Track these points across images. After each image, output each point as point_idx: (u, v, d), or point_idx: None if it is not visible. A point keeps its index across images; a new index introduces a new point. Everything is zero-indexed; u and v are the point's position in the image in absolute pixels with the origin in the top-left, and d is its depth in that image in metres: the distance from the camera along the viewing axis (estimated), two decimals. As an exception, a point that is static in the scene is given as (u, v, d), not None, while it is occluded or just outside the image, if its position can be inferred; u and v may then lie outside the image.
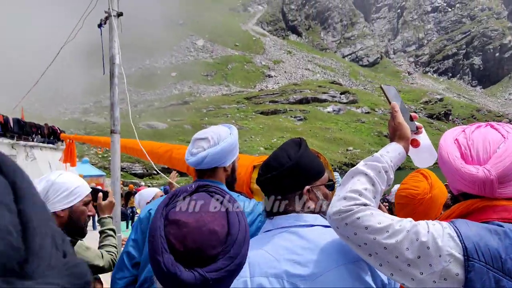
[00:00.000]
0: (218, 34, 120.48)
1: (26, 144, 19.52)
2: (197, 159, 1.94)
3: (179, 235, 0.95)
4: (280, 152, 1.47)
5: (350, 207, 1.17)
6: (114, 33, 3.80)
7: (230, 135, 2.00)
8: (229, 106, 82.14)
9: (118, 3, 3.90)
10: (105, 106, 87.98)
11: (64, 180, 1.94)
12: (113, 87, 3.93)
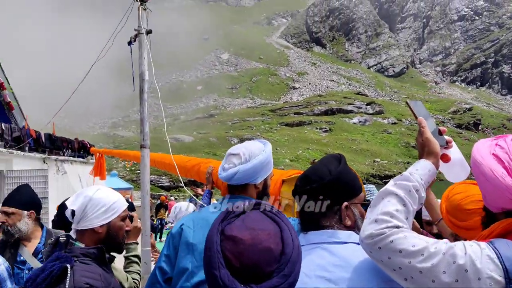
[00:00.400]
0: (242, 47, 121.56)
1: (57, 158, 20.01)
2: (228, 175, 1.97)
3: (236, 251, 0.96)
4: (321, 166, 1.49)
5: (382, 230, 1.14)
6: (143, 50, 3.90)
7: (262, 152, 2.00)
8: (254, 119, 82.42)
9: (147, 21, 4.01)
10: (133, 120, 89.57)
11: (102, 196, 1.93)
12: (143, 102, 4.03)
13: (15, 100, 20.71)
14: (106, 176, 10.47)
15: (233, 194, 2.04)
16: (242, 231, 0.99)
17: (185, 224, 2.00)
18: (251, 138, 67.29)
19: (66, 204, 1.94)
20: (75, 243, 1.85)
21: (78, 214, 1.86)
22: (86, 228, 1.88)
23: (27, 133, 18.47)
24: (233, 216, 1.03)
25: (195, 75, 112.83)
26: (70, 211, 1.88)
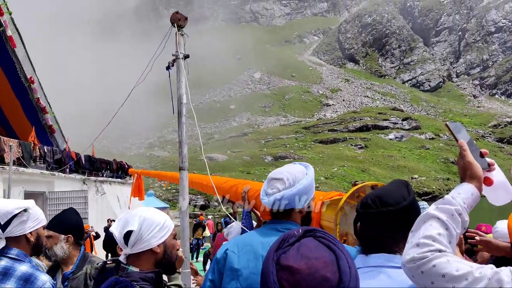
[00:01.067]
0: (274, 66, 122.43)
1: (96, 179, 20.57)
2: (271, 200, 1.94)
3: (292, 281, 0.95)
4: (393, 190, 1.50)
5: (425, 254, 1.12)
6: (181, 74, 3.98)
7: (306, 176, 1.97)
8: (287, 136, 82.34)
9: (185, 46, 4.10)
10: (168, 140, 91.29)
11: (153, 215, 1.91)
12: (181, 125, 4.09)
13: (56, 124, 21.48)
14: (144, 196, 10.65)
15: (277, 219, 2.01)
16: (298, 260, 0.97)
17: (230, 249, 1.99)
18: (285, 156, 67.18)
19: (112, 230, 1.90)
20: (128, 268, 1.81)
21: (134, 235, 1.81)
22: (144, 249, 1.83)
23: (68, 155, 19.08)
24: (287, 245, 1.03)
25: (228, 94, 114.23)
26: (124, 233, 1.83)
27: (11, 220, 2.23)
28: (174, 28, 4.01)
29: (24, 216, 2.27)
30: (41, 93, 20.14)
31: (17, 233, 2.25)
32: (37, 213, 2.38)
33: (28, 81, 19.16)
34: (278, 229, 1.94)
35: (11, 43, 17.96)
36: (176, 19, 3.98)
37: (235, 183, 4.49)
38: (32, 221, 2.31)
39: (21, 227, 2.25)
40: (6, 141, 15.00)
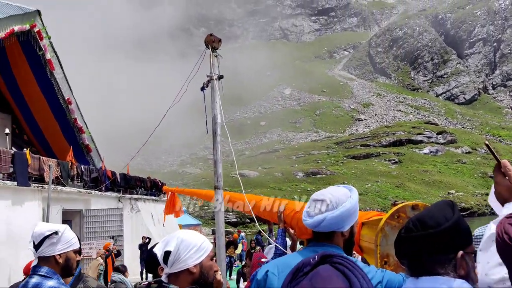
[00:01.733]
0: (304, 81, 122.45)
1: (131, 197, 20.93)
2: (313, 222, 1.93)
3: None
4: (435, 211, 1.47)
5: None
6: (215, 95, 4.04)
7: (349, 199, 1.95)
8: (319, 152, 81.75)
9: (219, 67, 4.16)
10: (199, 157, 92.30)
11: (190, 236, 2.02)
12: (216, 145, 4.13)
13: (92, 143, 22.08)
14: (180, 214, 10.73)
15: (318, 241, 1.99)
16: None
17: (270, 270, 2.00)
18: (317, 172, 66.45)
19: (155, 251, 2.04)
20: (169, 286, 1.94)
21: (172, 255, 1.94)
22: (182, 269, 1.95)
23: (104, 174, 19.54)
24: (301, 274, 1.00)
25: (258, 111, 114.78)
26: (163, 253, 1.96)
27: (43, 241, 2.42)
28: (208, 50, 4.08)
29: (54, 238, 2.45)
30: (78, 114, 20.78)
31: (48, 254, 2.43)
32: (69, 237, 2.54)
33: (66, 102, 19.83)
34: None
35: (50, 66, 18.69)
36: (210, 41, 4.05)
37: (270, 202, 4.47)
38: (62, 244, 2.48)
39: (51, 249, 2.43)
40: (45, 161, 15.49)
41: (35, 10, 17.39)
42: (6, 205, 13.34)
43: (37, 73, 18.70)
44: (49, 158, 16.55)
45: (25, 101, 19.99)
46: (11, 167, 13.93)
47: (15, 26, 16.25)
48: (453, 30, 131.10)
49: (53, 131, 20.83)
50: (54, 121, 20.43)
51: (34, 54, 18.05)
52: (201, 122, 4.41)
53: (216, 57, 4.14)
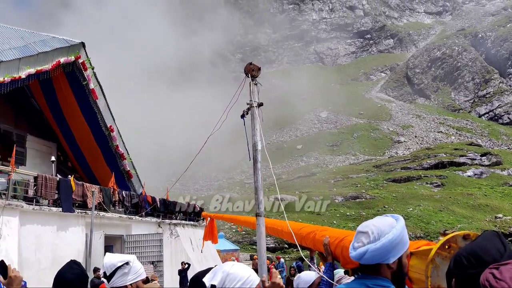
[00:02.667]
0: (341, 104, 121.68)
1: (170, 222, 21.14)
2: (357, 254, 1.90)
3: None
4: (487, 245, 1.44)
5: None
6: (256, 122, 4.05)
7: (393, 230, 1.89)
8: (358, 176, 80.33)
9: (259, 95, 4.18)
10: (236, 181, 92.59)
11: (237, 270, 2.03)
12: (257, 172, 4.11)
13: (133, 169, 22.55)
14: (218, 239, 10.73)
15: (365, 274, 1.95)
16: None
17: None
18: (356, 196, 65.21)
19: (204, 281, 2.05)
20: None
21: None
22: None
23: (144, 199, 19.86)
24: None
25: (294, 134, 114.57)
26: (209, 286, 1.98)
27: (115, 272, 2.48)
28: (248, 78, 4.12)
29: (125, 268, 2.51)
30: (120, 141, 21.35)
31: (120, 284, 2.48)
32: (138, 267, 2.59)
33: (108, 129, 20.43)
34: (368, 285, 1.90)
35: (93, 95, 19.39)
36: (250, 70, 4.09)
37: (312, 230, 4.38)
38: (133, 274, 2.53)
39: (123, 279, 2.49)
40: (89, 187, 15.91)
41: (79, 43, 18.19)
42: (52, 231, 13.74)
43: (81, 102, 19.44)
44: (92, 185, 17.01)
45: (70, 129, 20.75)
46: (56, 194, 14.39)
47: (61, 58, 17.03)
48: (494, 49, 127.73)
49: (95, 158, 21.45)
50: (96, 148, 21.06)
51: (78, 84, 18.81)
52: (238, 146, 4.43)
53: (256, 85, 4.17)
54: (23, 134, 20.52)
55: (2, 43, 16.62)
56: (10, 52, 15.49)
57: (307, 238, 4.38)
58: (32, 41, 16.95)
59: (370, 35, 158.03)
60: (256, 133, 4.12)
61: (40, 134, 21.46)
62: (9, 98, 18.69)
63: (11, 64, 14.80)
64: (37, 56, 15.84)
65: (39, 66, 15.91)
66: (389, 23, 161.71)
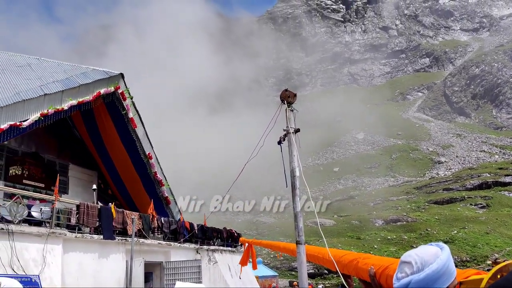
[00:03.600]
0: (378, 125, 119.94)
1: (208, 248, 21.11)
2: (400, 285, 1.83)
3: None
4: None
5: None
6: (293, 148, 4.00)
7: (437, 259, 1.80)
8: (398, 198, 78.26)
9: (295, 121, 4.15)
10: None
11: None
12: (296, 198, 4.04)
13: (171, 195, 22.80)
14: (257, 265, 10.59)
15: None
16: None
17: None
18: (397, 219, 63.39)
19: None
20: None
21: None
22: None
23: (183, 225, 19.96)
24: None
25: (331, 157, 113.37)
26: None
27: None
28: (284, 104, 4.10)
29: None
30: (158, 167, 21.69)
31: None
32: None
33: (146, 157, 20.83)
34: None
35: (132, 124, 19.88)
36: (286, 96, 4.07)
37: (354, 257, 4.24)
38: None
39: None
40: (129, 214, 16.15)
41: (118, 74, 18.80)
42: (93, 258, 13.96)
43: (120, 131, 19.95)
44: (132, 212, 17.27)
45: (110, 157, 21.27)
46: (97, 221, 14.68)
47: (101, 89, 17.63)
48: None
49: (135, 185, 21.84)
50: (136, 175, 21.45)
51: (118, 113, 19.35)
52: (274, 170, 4.38)
53: (292, 111, 4.14)
54: (66, 164, 21.19)
55: (46, 77, 17.40)
56: (54, 85, 16.17)
57: (350, 266, 4.24)
58: (74, 74, 17.66)
59: (405, 55, 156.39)
60: (294, 160, 4.06)
61: (82, 163, 22.11)
62: (53, 129, 19.42)
63: (54, 97, 15.42)
64: (78, 88, 16.46)
65: (81, 97, 16.51)
66: (424, 42, 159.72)
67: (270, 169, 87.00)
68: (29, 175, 18.11)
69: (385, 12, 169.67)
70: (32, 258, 11.57)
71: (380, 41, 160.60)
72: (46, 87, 15.84)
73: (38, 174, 18.69)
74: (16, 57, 21.66)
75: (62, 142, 21.34)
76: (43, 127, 15.92)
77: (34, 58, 21.30)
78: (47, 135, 19.89)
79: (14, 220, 11.47)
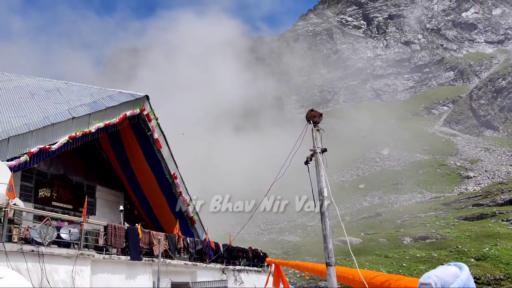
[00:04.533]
0: (403, 140, 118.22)
1: (234, 268, 20.97)
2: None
3: None
4: None
5: None
6: (320, 168, 3.95)
7: (457, 279, 1.75)
8: (426, 215, 76.45)
9: (321, 140, 4.11)
10: (298, 224, 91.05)
11: None
12: (325, 219, 3.97)
13: (196, 215, 22.85)
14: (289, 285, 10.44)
15: None
16: None
17: None
18: (426, 237, 61.95)
19: None
20: None
21: None
22: None
23: (208, 245, 19.92)
24: None
25: (356, 173, 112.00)
26: None
27: None
28: (310, 124, 4.07)
29: None
30: (183, 187, 21.82)
31: None
32: None
33: (172, 177, 21.00)
34: None
35: (158, 145, 20.13)
36: (312, 116, 4.05)
37: (386, 279, 4.13)
38: None
39: None
40: (155, 235, 16.23)
41: (144, 96, 19.14)
42: (120, 279, 14.02)
43: (146, 152, 20.22)
44: (158, 232, 17.35)
45: (136, 178, 21.53)
46: (124, 242, 14.78)
47: (127, 111, 17.96)
48: None
49: (160, 205, 21.99)
50: (161, 195, 21.62)
51: (143, 134, 19.65)
52: (298, 187, 4.32)
53: (318, 131, 4.10)
54: (93, 185, 21.54)
55: (74, 100, 17.85)
56: (81, 109, 16.57)
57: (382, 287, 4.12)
58: (100, 97, 18.07)
59: (428, 69, 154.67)
60: (322, 180, 4.01)
61: (109, 184, 22.43)
62: (80, 151, 19.81)
63: (82, 120, 15.78)
64: (105, 111, 16.81)
65: (107, 120, 16.84)
66: (447, 55, 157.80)
67: (293, 186, 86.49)
68: (58, 197, 18.46)
69: (407, 27, 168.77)
70: (61, 280, 11.69)
71: (402, 55, 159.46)
72: (74, 110, 16.23)
73: (66, 195, 19.04)
74: (45, 82, 22.33)
75: (89, 164, 21.74)
76: (71, 150, 16.27)
77: (62, 83, 21.92)
78: (74, 157, 20.30)
79: (44, 242, 11.65)
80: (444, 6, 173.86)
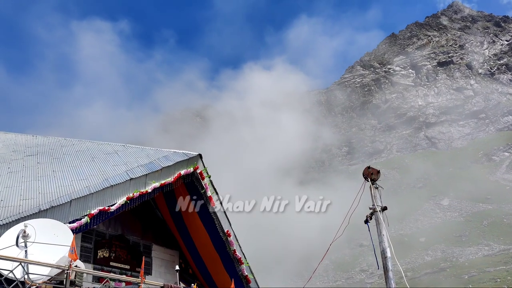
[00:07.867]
0: (463, 190, 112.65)
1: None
2: None
3: None
4: None
5: None
6: (381, 227, 3.80)
7: None
8: (496, 269, 71.06)
9: (381, 198, 3.97)
10: (356, 281, 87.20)
11: None
12: (389, 281, 3.76)
13: (251, 273, 22.37)
14: None
15: None
16: None
17: None
18: (498, 293, 57.17)
19: None
20: None
21: None
22: None
23: (264, 306, 19.30)
24: None
25: (415, 226, 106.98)
26: None
27: None
28: (368, 182, 3.96)
29: None
30: (237, 245, 21.57)
31: None
32: None
33: (225, 234, 20.89)
34: None
35: (211, 203, 20.26)
36: (369, 174, 3.95)
37: None
38: None
39: None
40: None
41: (197, 154, 19.57)
42: None
43: (199, 210, 20.36)
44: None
45: (190, 236, 21.58)
46: (180, 303, 14.61)
47: (181, 170, 18.36)
48: None
49: (214, 264, 21.76)
50: (215, 253, 21.44)
51: (197, 192, 19.89)
52: (355, 242, 4.12)
53: (377, 189, 3.97)
54: (149, 244, 21.77)
55: (132, 162, 18.52)
56: (138, 170, 17.13)
57: None
58: (156, 158, 18.65)
59: (484, 114, 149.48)
60: (384, 240, 3.84)
61: (164, 242, 22.60)
62: (137, 211, 20.27)
63: (139, 181, 16.28)
64: (161, 171, 17.28)
65: (163, 179, 17.26)
66: (504, 99, 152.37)
67: (350, 242, 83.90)
68: (116, 257, 18.76)
69: (458, 73, 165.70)
70: None
71: (456, 102, 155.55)
72: (131, 171, 16.80)
73: (124, 255, 19.32)
74: (104, 145, 23.43)
75: (145, 223, 22.12)
76: (128, 210, 16.69)
77: (120, 145, 22.90)
78: (131, 217, 20.77)
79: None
80: (496, 50, 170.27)
